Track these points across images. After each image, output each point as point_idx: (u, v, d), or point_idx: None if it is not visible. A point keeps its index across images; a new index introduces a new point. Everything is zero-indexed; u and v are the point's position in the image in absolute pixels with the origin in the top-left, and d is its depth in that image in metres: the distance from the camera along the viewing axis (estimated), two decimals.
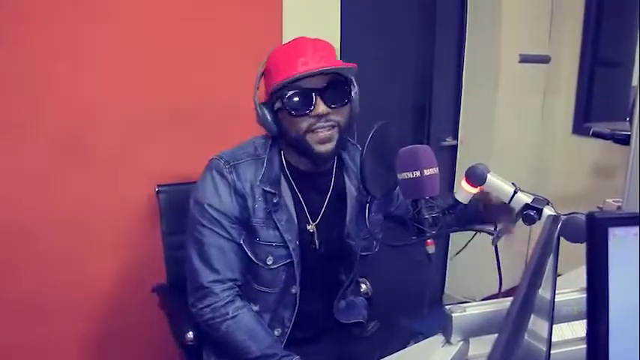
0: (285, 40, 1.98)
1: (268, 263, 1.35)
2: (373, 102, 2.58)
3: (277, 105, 1.30)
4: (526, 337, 0.79)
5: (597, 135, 3.23)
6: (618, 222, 0.57)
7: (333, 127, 1.29)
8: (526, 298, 0.54)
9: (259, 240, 1.33)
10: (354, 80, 1.33)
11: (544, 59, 3.33)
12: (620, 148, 2.88)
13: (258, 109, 1.32)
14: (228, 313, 1.30)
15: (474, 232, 1.14)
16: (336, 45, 2.25)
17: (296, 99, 1.26)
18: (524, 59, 3.21)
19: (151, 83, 1.83)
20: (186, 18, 1.87)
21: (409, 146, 1.17)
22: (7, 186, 1.63)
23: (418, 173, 1.13)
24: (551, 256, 0.72)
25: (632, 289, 0.60)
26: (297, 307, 1.40)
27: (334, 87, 1.28)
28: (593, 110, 3.69)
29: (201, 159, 1.39)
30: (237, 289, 1.34)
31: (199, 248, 1.32)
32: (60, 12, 1.63)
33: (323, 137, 1.28)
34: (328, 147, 1.29)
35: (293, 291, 1.39)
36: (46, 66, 1.64)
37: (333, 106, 1.27)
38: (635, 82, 2.72)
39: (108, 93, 1.76)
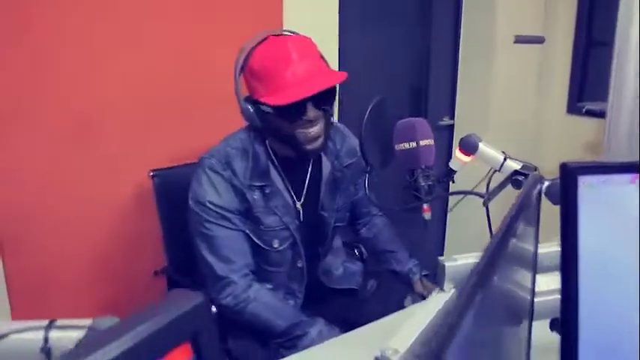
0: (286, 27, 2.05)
1: (275, 246, 1.44)
2: (372, 83, 2.65)
3: (266, 109, 1.33)
4: (512, 287, 0.87)
5: (590, 113, 3.32)
6: (588, 170, 0.65)
7: (322, 126, 1.36)
8: (498, 246, 0.61)
9: (263, 227, 1.41)
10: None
11: (539, 40, 3.38)
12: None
13: (243, 104, 1.36)
14: (249, 297, 1.38)
15: (464, 195, 1.21)
16: (336, 31, 2.32)
17: (290, 108, 1.29)
18: (519, 40, 3.27)
19: (150, 79, 1.88)
20: (187, 16, 1.92)
21: (406, 119, 1.25)
22: (15, 172, 1.70)
23: (414, 144, 1.21)
24: (534, 212, 0.80)
25: (602, 231, 0.67)
26: (305, 279, 1.50)
27: (323, 93, 1.31)
28: (587, 89, 3.76)
29: (192, 145, 1.45)
30: (251, 274, 1.42)
31: (209, 244, 1.38)
32: (62, 10, 1.69)
33: (312, 136, 1.34)
34: (317, 144, 1.37)
35: (299, 265, 1.49)
36: (52, 62, 1.70)
37: (322, 109, 1.34)
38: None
39: (109, 89, 1.81)
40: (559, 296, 1.05)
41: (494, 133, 3.15)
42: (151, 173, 1.73)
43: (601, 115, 3.23)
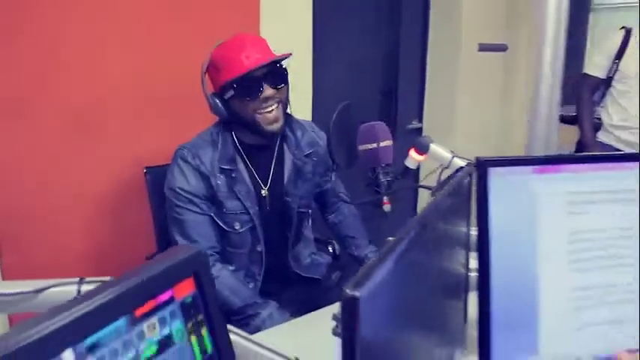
0: (262, 32, 2.21)
1: (236, 228, 1.61)
2: (344, 88, 2.83)
3: (229, 94, 1.52)
4: (446, 261, 1.05)
5: None
6: (496, 163, 0.82)
7: (278, 103, 1.54)
8: (420, 227, 0.78)
9: (226, 210, 1.59)
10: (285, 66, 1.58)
11: (501, 47, 3.58)
12: (568, 128, 3.18)
13: (210, 99, 1.56)
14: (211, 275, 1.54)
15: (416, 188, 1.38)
16: (309, 37, 2.50)
17: (247, 86, 1.49)
18: (483, 48, 3.47)
19: (141, 81, 2.02)
20: (174, 20, 2.06)
21: (368, 123, 1.42)
22: (12, 170, 1.81)
23: (375, 145, 1.39)
24: (465, 197, 0.98)
25: (508, 210, 0.85)
26: (264, 263, 1.66)
27: (275, 73, 1.52)
28: None
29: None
30: (216, 255, 1.59)
31: (179, 226, 1.57)
32: (58, 11, 1.80)
33: (272, 118, 1.53)
34: (277, 126, 1.55)
35: (259, 249, 1.65)
36: (49, 63, 1.82)
37: (277, 87, 1.53)
38: (585, 70, 3.00)
39: (105, 89, 1.94)
40: None
41: (461, 135, 3.35)
42: (145, 170, 1.89)
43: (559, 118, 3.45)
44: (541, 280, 0.86)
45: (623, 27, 2.84)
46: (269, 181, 1.66)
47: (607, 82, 2.85)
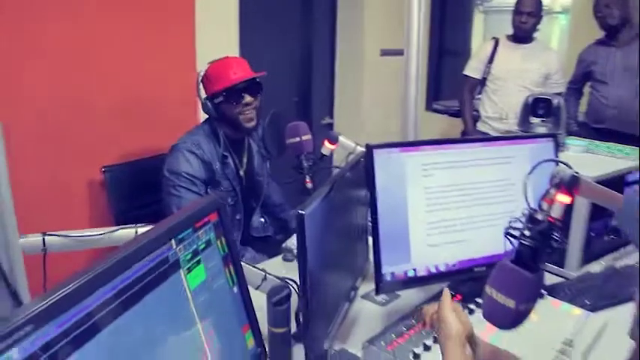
0: (197, 49, 2.62)
1: (229, 202, 2.08)
2: (267, 89, 3.31)
3: (219, 99, 2.01)
4: (353, 214, 1.55)
5: (437, 111, 4.16)
6: (379, 146, 1.32)
7: (254, 108, 2.04)
8: (339, 178, 1.28)
9: (222, 188, 2.06)
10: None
11: (399, 52, 4.16)
12: (455, 120, 3.81)
13: (204, 102, 2.04)
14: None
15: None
16: (236, 44, 2.95)
17: (234, 94, 1.99)
18: (384, 53, 4.06)
19: (93, 88, 2.33)
20: (125, 34, 2.42)
21: (292, 122, 1.90)
22: None
23: (299, 139, 1.86)
24: (360, 172, 1.48)
25: (387, 179, 1.36)
26: (242, 227, 2.15)
27: (252, 86, 2.03)
28: (442, 91, 4.63)
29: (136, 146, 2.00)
30: None
31: (178, 202, 1.97)
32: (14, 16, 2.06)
33: (249, 117, 2.04)
34: (253, 124, 2.06)
35: (238, 217, 2.13)
36: (16, 63, 2.08)
37: (254, 96, 2.03)
38: (465, 71, 3.59)
39: (69, 95, 2.26)
40: None
41: (367, 128, 3.92)
42: (103, 169, 2.25)
43: (444, 112, 4.11)
44: (409, 218, 1.37)
45: (493, 37, 3.48)
46: (244, 164, 2.16)
47: (482, 82, 3.47)
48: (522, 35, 3.30)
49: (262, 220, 2.29)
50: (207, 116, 2.11)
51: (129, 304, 0.73)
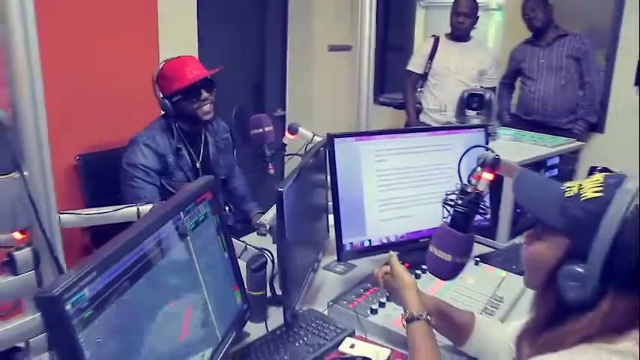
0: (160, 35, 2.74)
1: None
2: (225, 81, 3.48)
3: (178, 97, 2.15)
4: (315, 195, 1.77)
5: (383, 104, 4.43)
6: (338, 136, 1.55)
7: (210, 102, 2.19)
8: (304, 164, 1.50)
9: (175, 179, 2.20)
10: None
11: (347, 47, 4.41)
12: (399, 112, 4.08)
13: (161, 100, 2.16)
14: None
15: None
16: (195, 39, 3.08)
17: (192, 91, 2.13)
18: (332, 48, 4.29)
19: (71, 80, 2.42)
20: (95, 25, 2.54)
21: (256, 115, 2.10)
22: None
23: (262, 130, 2.06)
24: (322, 159, 1.70)
25: (346, 164, 1.58)
26: None
27: (208, 82, 2.18)
28: (386, 85, 4.89)
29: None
30: None
31: (136, 193, 2.11)
32: None
33: (207, 111, 2.19)
34: (209, 116, 2.21)
35: None
36: None
37: (210, 91, 2.18)
38: (408, 67, 3.86)
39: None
40: None
41: (317, 120, 4.14)
42: (77, 157, 2.39)
43: (389, 105, 4.38)
44: (364, 197, 1.61)
45: (433, 35, 3.77)
46: (200, 157, 2.30)
47: (424, 77, 3.75)
48: (459, 34, 3.59)
49: (227, 209, 2.47)
50: None
51: (158, 258, 0.94)
